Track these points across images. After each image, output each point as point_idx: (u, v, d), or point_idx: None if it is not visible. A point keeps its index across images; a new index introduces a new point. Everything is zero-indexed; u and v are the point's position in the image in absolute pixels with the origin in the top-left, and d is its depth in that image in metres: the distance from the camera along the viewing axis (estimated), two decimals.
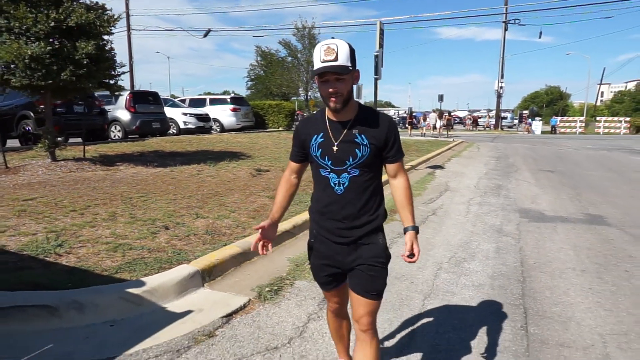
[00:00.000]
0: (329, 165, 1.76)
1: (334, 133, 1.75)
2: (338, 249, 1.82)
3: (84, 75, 6.78)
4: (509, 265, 4.05)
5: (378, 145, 1.75)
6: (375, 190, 1.81)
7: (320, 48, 1.66)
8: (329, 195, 1.79)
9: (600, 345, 2.66)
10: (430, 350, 2.57)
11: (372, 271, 1.79)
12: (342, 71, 1.62)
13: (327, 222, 1.82)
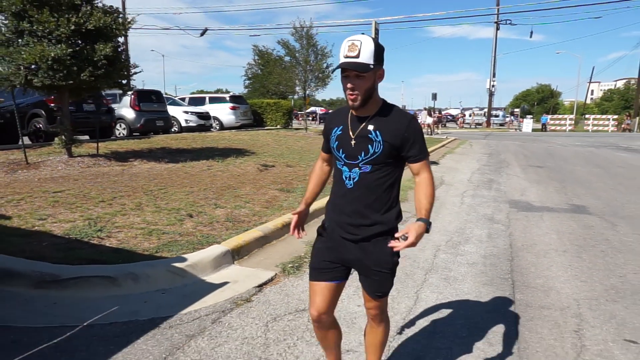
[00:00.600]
0: (342, 158, 1.78)
1: (352, 127, 1.76)
2: (345, 244, 1.81)
3: (101, 75, 7.20)
4: (499, 247, 4.56)
5: (394, 144, 1.71)
6: (388, 188, 1.77)
7: (345, 43, 1.66)
8: (340, 188, 1.81)
9: (575, 307, 3.17)
10: (433, 313, 3.06)
11: (378, 276, 1.81)
12: (361, 69, 1.61)
13: (337, 216, 1.83)
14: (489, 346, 2.60)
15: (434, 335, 2.73)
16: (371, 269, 1.79)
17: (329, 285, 1.85)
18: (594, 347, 2.61)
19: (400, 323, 2.88)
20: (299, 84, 17.62)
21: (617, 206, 6.65)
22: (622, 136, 28.09)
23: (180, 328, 2.65)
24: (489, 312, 3.06)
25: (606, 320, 2.96)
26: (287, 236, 4.53)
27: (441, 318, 2.96)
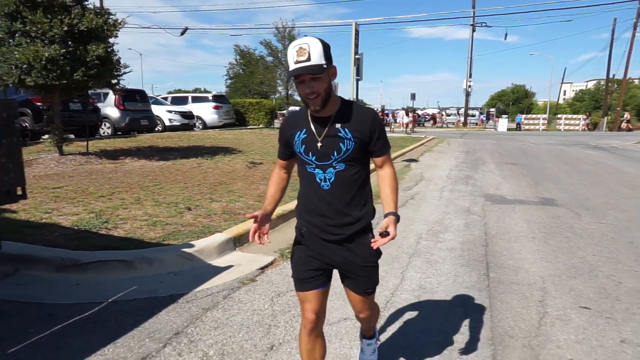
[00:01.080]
0: (313, 161, 1.75)
1: (317, 129, 1.74)
2: (328, 246, 1.81)
3: (93, 75, 7.39)
4: (475, 235, 5.01)
5: (363, 139, 1.74)
6: (362, 184, 1.81)
7: (292, 49, 1.63)
8: (315, 191, 1.78)
9: (540, 282, 3.61)
10: (417, 289, 3.45)
11: (366, 272, 1.84)
12: (316, 71, 1.60)
13: (316, 219, 1.80)
14: (466, 313, 3.01)
15: (418, 306, 3.13)
16: (360, 266, 1.81)
17: (317, 292, 1.85)
18: (554, 313, 3.05)
19: (388, 297, 3.26)
20: (281, 84, 17.92)
21: (582, 199, 7.22)
22: (591, 135, 29.31)
23: (196, 302, 2.98)
24: (467, 288, 3.48)
25: (566, 292, 3.41)
26: (281, 226, 4.88)
27: (424, 293, 3.37)
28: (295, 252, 1.91)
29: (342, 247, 1.80)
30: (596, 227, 5.43)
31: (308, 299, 1.85)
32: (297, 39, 1.70)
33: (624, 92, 36.11)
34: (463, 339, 2.68)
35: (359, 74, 10.05)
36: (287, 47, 1.70)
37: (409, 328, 2.82)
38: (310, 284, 1.84)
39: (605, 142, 21.82)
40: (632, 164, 12.38)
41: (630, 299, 3.28)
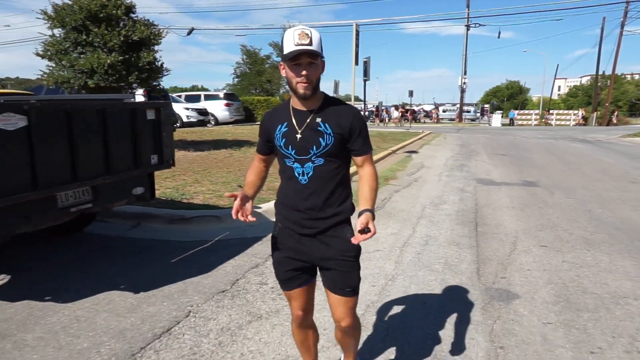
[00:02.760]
0: (292, 154, 1.75)
1: (297, 121, 1.74)
2: (304, 241, 1.79)
3: (144, 78, 8.69)
4: (467, 206, 6.35)
5: (343, 135, 1.74)
6: (341, 181, 1.79)
7: (293, 32, 1.63)
8: (293, 185, 1.77)
9: (514, 233, 4.96)
10: (425, 237, 4.79)
11: (343, 267, 1.79)
12: (316, 54, 1.63)
13: (292, 214, 1.79)
14: (460, 248, 4.36)
15: (426, 245, 4.48)
16: (336, 259, 1.78)
17: (301, 290, 1.87)
18: (521, 249, 4.40)
19: (405, 240, 4.61)
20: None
21: (559, 182, 8.58)
22: (580, 129, 30.73)
23: None
24: (460, 236, 4.83)
25: (532, 238, 4.77)
26: None
27: (430, 239, 4.72)
28: (274, 253, 1.91)
29: (317, 240, 1.78)
30: (564, 201, 6.79)
31: (293, 296, 1.89)
32: (296, 26, 1.70)
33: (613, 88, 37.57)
34: (458, 262, 4.03)
35: (366, 75, 11.33)
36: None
37: (421, 257, 4.17)
38: (293, 283, 1.86)
39: (592, 135, 23.19)
40: (611, 155, 13.75)
41: (576, 242, 4.64)
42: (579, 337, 2.69)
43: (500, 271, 3.80)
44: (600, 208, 6.19)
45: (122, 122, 3.27)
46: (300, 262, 1.82)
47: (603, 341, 2.65)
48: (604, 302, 3.18)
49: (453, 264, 3.95)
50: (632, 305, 3.14)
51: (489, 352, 2.53)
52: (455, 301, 3.20)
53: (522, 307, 3.10)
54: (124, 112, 3.31)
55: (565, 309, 3.06)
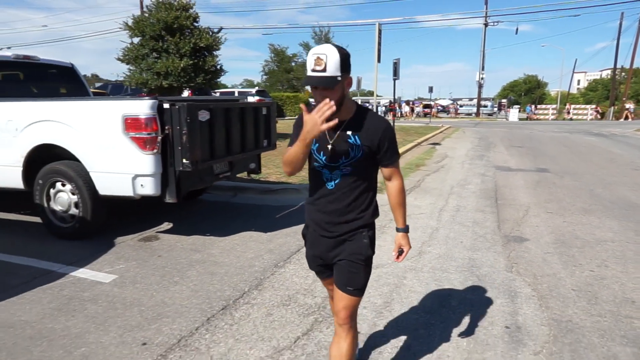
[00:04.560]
0: (323, 160, 1.80)
1: (329, 132, 1.76)
2: (323, 242, 1.89)
3: (209, 79, 10.18)
4: (488, 186, 7.68)
5: (372, 148, 1.79)
6: (366, 189, 1.86)
7: (311, 57, 1.65)
8: (321, 189, 1.85)
9: (527, 204, 6.28)
10: (455, 206, 6.14)
11: (352, 267, 1.85)
12: (328, 84, 1.63)
13: (316, 214, 1.89)
14: (484, 213, 5.71)
15: (457, 211, 5.84)
16: (346, 260, 1.86)
17: (332, 279, 1.96)
18: (532, 213, 5.73)
19: (441, 207, 5.98)
20: None
21: (569, 169, 9.82)
22: (597, 124, 31.45)
23: None
24: (484, 206, 6.17)
25: (540, 208, 6.09)
26: None
27: (460, 208, 6.07)
28: (305, 247, 2.04)
29: (335, 241, 1.87)
30: (571, 183, 8.06)
31: (326, 284, 2.10)
32: (318, 46, 1.69)
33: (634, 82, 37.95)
34: (483, 220, 5.39)
35: (396, 74, 12.59)
36: None
37: (455, 218, 5.53)
38: (322, 275, 2.04)
39: (607, 130, 24.02)
40: (621, 147, 14.81)
41: (576, 210, 5.95)
42: (567, 259, 4.04)
43: (515, 226, 5.15)
44: (601, 188, 7.45)
45: (251, 116, 4.71)
46: (320, 260, 1.96)
47: (583, 261, 4.00)
48: (589, 243, 4.51)
49: (479, 222, 5.31)
50: (609, 245, 4.46)
51: (507, 266, 3.89)
52: (483, 241, 4.56)
53: (530, 245, 4.46)
54: (251, 109, 4.75)
55: (560, 246, 4.41)
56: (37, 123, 4.13)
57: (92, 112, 3.93)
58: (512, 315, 2.99)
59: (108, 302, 3.07)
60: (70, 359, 2.40)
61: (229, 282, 3.41)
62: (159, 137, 3.74)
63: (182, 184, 3.99)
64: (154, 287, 3.31)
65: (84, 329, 2.70)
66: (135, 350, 2.48)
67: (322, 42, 19.72)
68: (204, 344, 2.57)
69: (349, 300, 1.86)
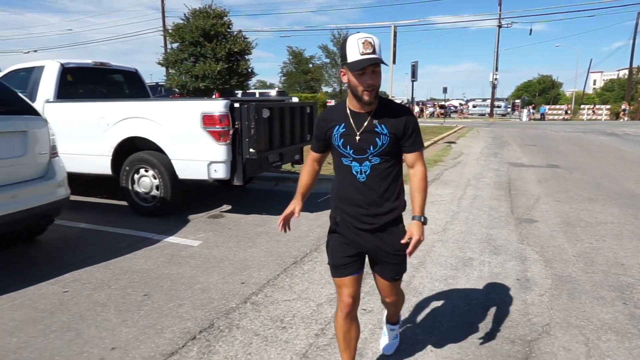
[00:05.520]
0: (350, 154, 1.87)
1: (356, 123, 1.85)
2: (362, 234, 1.94)
3: (242, 81, 11.04)
4: (502, 179, 8.39)
5: (397, 135, 1.86)
6: (395, 177, 1.93)
7: (357, 41, 1.70)
8: (351, 182, 1.90)
9: (537, 195, 7.00)
10: (472, 195, 6.89)
11: (395, 260, 1.98)
12: (381, 62, 1.72)
13: (351, 209, 1.92)
14: (498, 201, 6.44)
15: (475, 199, 6.59)
16: (391, 254, 1.96)
17: (352, 278, 1.98)
18: (541, 202, 6.44)
19: (460, 196, 6.72)
20: (336, 81, 21.38)
21: (578, 165, 10.46)
22: (611, 124, 31.69)
23: None
24: (499, 195, 6.90)
25: (549, 197, 6.79)
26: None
27: (477, 197, 6.82)
28: (330, 241, 2.04)
29: (375, 235, 1.93)
30: (580, 177, 8.72)
31: (345, 284, 1.99)
32: (358, 34, 1.74)
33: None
34: (498, 206, 6.13)
35: (414, 76, 13.33)
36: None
37: (473, 204, 6.28)
38: (346, 270, 1.97)
39: (620, 129, 24.35)
40: (632, 146, 15.32)
41: (582, 199, 6.65)
42: (571, 236, 4.77)
43: (526, 211, 5.88)
44: (607, 182, 8.11)
45: (298, 114, 5.52)
46: (357, 250, 1.97)
47: (584, 237, 4.72)
48: (591, 224, 5.22)
49: (494, 207, 6.06)
50: (609, 225, 5.17)
51: (519, 240, 4.63)
52: (498, 222, 5.31)
53: (539, 225, 5.19)
54: (299, 108, 5.56)
55: (566, 226, 5.13)
56: (127, 119, 4.99)
57: (176, 110, 4.78)
58: (522, 272, 3.74)
59: (203, 257, 3.91)
60: (192, 291, 3.23)
61: (293, 247, 4.23)
62: (230, 131, 4.57)
63: (247, 169, 4.82)
64: (234, 249, 4.14)
65: (193, 274, 3.54)
66: (238, 287, 3.31)
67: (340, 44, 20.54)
68: (286, 284, 3.39)
69: (395, 285, 2.10)
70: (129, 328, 2.72)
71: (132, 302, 3.06)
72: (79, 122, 5.24)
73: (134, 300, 3.09)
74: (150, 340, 2.59)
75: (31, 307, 2.98)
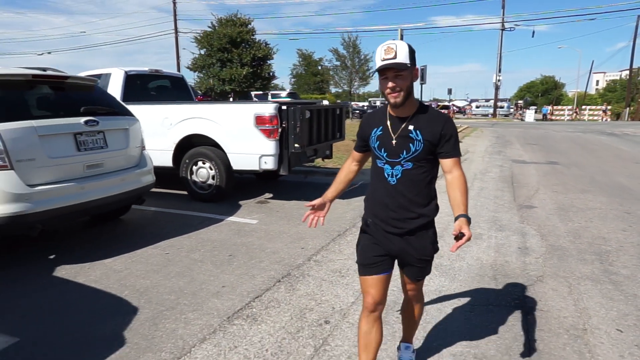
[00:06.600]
0: (384, 157, 1.92)
1: (392, 127, 1.90)
2: (390, 238, 1.97)
3: (265, 85, 11.96)
4: (505, 174, 9.27)
5: (433, 142, 1.87)
6: (428, 183, 1.95)
7: (381, 48, 1.78)
8: (383, 185, 1.95)
9: (536, 187, 7.88)
10: (479, 188, 7.78)
11: (420, 264, 2.04)
12: (400, 67, 1.75)
13: (381, 211, 1.97)
14: (502, 192, 7.34)
15: (481, 190, 7.48)
16: (416, 258, 2.00)
17: (380, 277, 2.01)
18: (540, 192, 7.33)
19: (468, 188, 7.63)
20: (345, 83, 22.31)
21: (576, 162, 11.32)
22: (611, 124, 32.46)
23: None
24: (503, 187, 7.78)
25: (548, 188, 7.67)
26: None
27: (483, 188, 7.71)
28: (361, 240, 2.10)
29: (403, 239, 1.96)
30: (577, 172, 9.59)
31: (370, 283, 2.01)
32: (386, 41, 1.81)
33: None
34: (502, 195, 7.02)
35: (423, 79, 14.21)
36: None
37: (480, 194, 7.17)
38: (373, 269, 2.00)
39: (620, 129, 25.11)
40: (629, 145, 16.15)
41: (577, 190, 7.53)
42: (564, 218, 5.65)
43: (526, 199, 6.77)
44: (601, 176, 8.99)
45: (330, 115, 6.43)
46: (386, 251, 2.00)
47: (575, 219, 5.61)
48: (582, 209, 6.11)
49: (499, 196, 6.95)
50: (597, 210, 6.04)
51: (520, 220, 5.52)
52: (502, 208, 6.20)
53: (537, 210, 6.08)
54: (331, 109, 6.47)
55: (560, 211, 6.02)
56: (188, 119, 5.91)
57: (232, 112, 5.70)
58: (522, 243, 4.64)
59: (263, 231, 4.83)
60: (265, 254, 4.15)
61: (334, 224, 5.14)
62: (279, 129, 5.48)
63: (291, 162, 5.73)
64: (287, 226, 5.06)
65: (260, 243, 4.46)
66: (299, 251, 4.22)
67: (350, 48, 21.46)
68: (336, 249, 4.30)
69: (419, 284, 2.17)
70: (228, 275, 3.64)
71: (222, 260, 3.98)
72: (145, 122, 6.15)
73: (223, 259, 4.00)
74: (247, 282, 3.50)
75: (147, 263, 3.90)
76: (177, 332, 2.76)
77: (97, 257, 3.99)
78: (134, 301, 3.15)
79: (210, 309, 3.06)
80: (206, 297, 3.24)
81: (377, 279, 2.00)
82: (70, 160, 3.81)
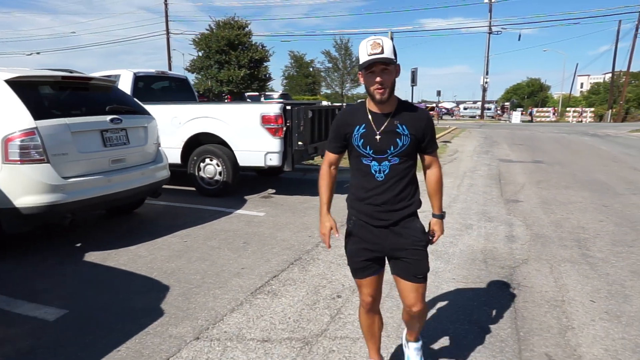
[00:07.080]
0: (370, 154, 1.93)
1: (376, 124, 1.91)
2: (377, 232, 1.99)
3: (262, 86, 12.30)
4: (493, 172, 9.75)
5: (417, 137, 1.93)
6: (412, 178, 2.00)
7: (366, 43, 1.78)
8: (369, 181, 1.97)
9: (522, 183, 8.37)
10: (469, 184, 8.23)
11: (415, 255, 1.98)
12: (388, 62, 1.77)
13: (366, 207, 1.99)
14: (490, 188, 7.80)
15: (471, 186, 7.93)
16: (408, 249, 1.98)
17: (371, 279, 2.07)
18: (527, 187, 7.80)
19: (459, 184, 8.07)
20: (337, 84, 22.75)
21: (559, 160, 11.88)
22: (594, 125, 33.39)
23: None
24: (490, 183, 8.25)
25: (533, 185, 8.16)
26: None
27: (472, 184, 8.16)
28: (348, 244, 2.10)
29: (389, 231, 1.98)
30: (560, 170, 10.12)
31: (364, 284, 2.08)
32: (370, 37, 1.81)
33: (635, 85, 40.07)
34: (490, 191, 7.48)
35: (414, 81, 14.67)
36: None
37: (470, 189, 7.62)
38: (364, 273, 2.05)
39: (602, 131, 25.94)
40: (610, 145, 16.81)
41: (559, 186, 8.02)
42: (547, 210, 6.12)
43: (513, 194, 7.24)
44: (582, 174, 9.52)
45: (330, 115, 6.81)
46: (373, 253, 2.01)
47: (557, 211, 6.07)
48: (563, 203, 6.58)
49: (487, 192, 7.40)
50: (578, 204, 6.53)
51: (507, 213, 5.96)
52: (490, 202, 6.64)
53: (523, 204, 6.54)
54: (330, 110, 6.86)
55: (544, 205, 6.49)
56: (197, 119, 6.25)
57: (240, 111, 6.05)
58: (509, 232, 5.08)
59: (271, 222, 5.20)
60: (275, 241, 4.52)
61: (337, 216, 5.43)
62: (283, 128, 5.85)
63: (294, 159, 6.11)
64: (292, 217, 5.43)
65: (270, 232, 4.82)
66: (307, 239, 4.60)
67: (342, 50, 21.90)
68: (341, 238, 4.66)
69: (419, 288, 2.02)
70: (245, 259, 4.00)
71: (238, 247, 4.34)
72: None
73: (238, 246, 4.37)
74: (263, 264, 3.88)
75: (168, 249, 4.25)
76: (208, 304, 3.12)
77: (120, 245, 4.33)
78: (164, 280, 3.50)
79: (234, 286, 3.42)
80: (229, 277, 3.60)
81: (369, 280, 2.07)
82: (97, 155, 4.14)
